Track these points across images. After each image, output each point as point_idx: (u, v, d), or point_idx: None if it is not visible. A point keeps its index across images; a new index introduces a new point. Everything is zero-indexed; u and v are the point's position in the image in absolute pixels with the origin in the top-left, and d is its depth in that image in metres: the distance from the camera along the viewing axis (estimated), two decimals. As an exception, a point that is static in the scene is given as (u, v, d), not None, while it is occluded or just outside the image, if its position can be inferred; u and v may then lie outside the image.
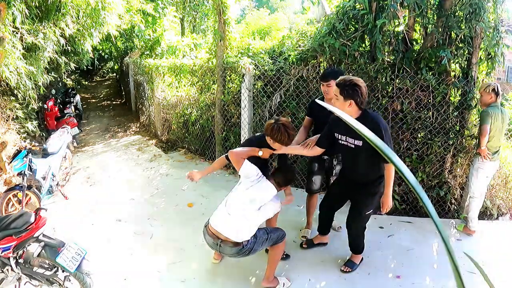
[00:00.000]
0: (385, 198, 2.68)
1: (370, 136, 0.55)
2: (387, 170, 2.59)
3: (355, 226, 2.90)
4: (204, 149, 5.78)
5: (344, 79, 2.47)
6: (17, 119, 5.32)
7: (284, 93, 4.40)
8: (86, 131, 8.43)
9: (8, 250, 2.29)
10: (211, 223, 2.61)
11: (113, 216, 3.99)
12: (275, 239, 2.67)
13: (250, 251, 2.56)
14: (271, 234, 2.65)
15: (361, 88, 2.42)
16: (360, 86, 2.42)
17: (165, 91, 6.82)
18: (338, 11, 4.03)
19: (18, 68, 4.17)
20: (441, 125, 3.77)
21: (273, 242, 2.67)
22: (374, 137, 0.56)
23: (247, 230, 2.52)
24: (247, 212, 2.53)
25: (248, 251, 2.56)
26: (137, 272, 3.01)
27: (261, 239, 2.59)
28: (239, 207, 2.56)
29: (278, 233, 2.69)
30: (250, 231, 2.53)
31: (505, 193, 4.13)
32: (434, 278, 2.89)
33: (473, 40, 3.62)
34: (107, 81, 18.32)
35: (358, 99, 2.43)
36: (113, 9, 5.45)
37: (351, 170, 2.82)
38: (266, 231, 2.66)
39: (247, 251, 2.55)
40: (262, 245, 2.62)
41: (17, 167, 3.79)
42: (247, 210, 2.54)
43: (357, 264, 3.00)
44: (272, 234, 2.66)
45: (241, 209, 2.55)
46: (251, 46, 5.17)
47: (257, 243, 2.57)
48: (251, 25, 14.57)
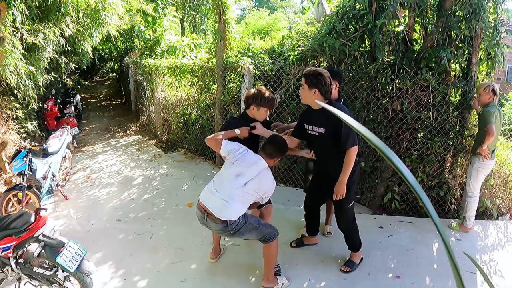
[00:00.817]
0: (338, 184, 2.65)
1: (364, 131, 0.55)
2: (346, 156, 2.60)
3: (343, 222, 2.91)
4: (204, 149, 5.78)
5: (310, 70, 2.59)
6: (17, 119, 5.32)
7: (284, 93, 4.40)
8: (86, 131, 8.43)
9: (8, 250, 2.29)
10: (200, 196, 2.62)
11: (113, 216, 4.00)
12: (265, 234, 2.62)
13: (236, 232, 2.51)
14: (262, 227, 2.61)
15: (324, 77, 2.52)
16: (324, 76, 2.52)
17: (165, 91, 6.82)
18: (338, 11, 4.04)
19: (18, 68, 4.17)
20: (441, 125, 3.77)
21: (263, 237, 2.62)
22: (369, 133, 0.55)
23: (232, 209, 2.46)
24: (233, 188, 2.49)
25: (233, 231, 2.50)
26: (137, 272, 3.01)
27: (250, 225, 2.54)
28: (225, 183, 2.55)
29: (270, 229, 2.65)
30: (236, 211, 2.48)
31: (505, 193, 4.13)
32: (434, 278, 2.89)
33: (473, 40, 3.62)
34: (107, 81, 18.33)
35: (322, 88, 2.52)
36: (113, 9, 5.45)
37: (321, 161, 2.86)
38: (259, 221, 2.63)
39: (232, 231, 2.50)
40: (250, 232, 2.57)
41: (17, 167, 3.79)
42: (233, 186, 2.50)
43: (357, 264, 3.00)
44: (264, 227, 2.61)
45: (227, 185, 2.53)
46: (251, 46, 5.17)
47: (244, 227, 2.51)
48: (251, 25, 14.58)
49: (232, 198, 2.48)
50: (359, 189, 4.16)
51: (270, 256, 2.69)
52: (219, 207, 2.47)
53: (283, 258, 3.10)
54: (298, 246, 3.27)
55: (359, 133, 0.56)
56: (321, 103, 0.79)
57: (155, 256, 3.23)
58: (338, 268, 2.99)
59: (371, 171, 4.06)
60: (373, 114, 3.91)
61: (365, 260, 3.09)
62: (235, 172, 2.53)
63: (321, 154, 2.82)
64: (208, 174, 5.24)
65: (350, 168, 2.62)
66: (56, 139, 4.76)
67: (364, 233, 3.48)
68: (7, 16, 3.83)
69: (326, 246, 3.29)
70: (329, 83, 2.54)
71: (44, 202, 4.16)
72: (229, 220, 2.46)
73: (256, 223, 2.60)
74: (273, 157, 2.63)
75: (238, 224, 2.49)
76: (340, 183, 2.64)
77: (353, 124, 0.56)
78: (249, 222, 2.55)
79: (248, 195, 2.52)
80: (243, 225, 2.51)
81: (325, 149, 2.73)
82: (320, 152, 2.82)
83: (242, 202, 2.53)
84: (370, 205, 4.09)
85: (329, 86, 2.55)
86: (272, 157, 2.63)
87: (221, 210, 2.46)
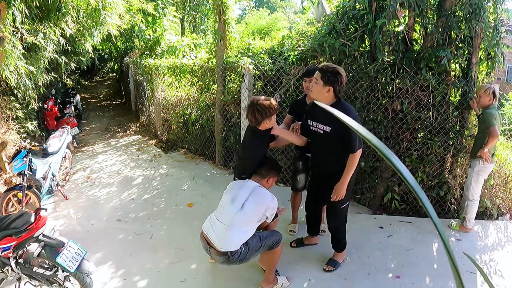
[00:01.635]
0: (338, 185, 2.61)
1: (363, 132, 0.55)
2: (350, 159, 2.56)
3: (334, 222, 2.90)
4: (204, 149, 5.78)
5: (327, 65, 2.52)
6: (17, 119, 5.32)
7: (284, 93, 4.40)
8: (86, 131, 8.43)
9: (8, 250, 2.29)
10: (203, 226, 2.59)
11: (113, 216, 4.00)
12: (270, 245, 2.57)
13: (241, 260, 2.45)
14: (265, 241, 2.53)
15: (342, 77, 2.48)
16: (342, 75, 2.48)
17: (165, 91, 6.83)
18: (338, 11, 4.04)
19: (18, 68, 4.17)
20: (441, 125, 3.77)
21: (268, 248, 2.57)
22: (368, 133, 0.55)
23: (232, 238, 2.40)
24: (232, 213, 2.44)
25: (238, 261, 2.44)
26: (137, 272, 3.01)
27: (254, 248, 2.47)
28: (224, 211, 2.52)
29: (273, 238, 2.58)
30: (236, 240, 2.40)
31: (505, 193, 4.13)
32: (434, 278, 2.89)
33: (473, 40, 3.62)
34: (107, 81, 18.33)
35: (336, 87, 2.48)
36: (113, 8, 5.45)
37: (320, 159, 2.82)
38: (260, 238, 2.52)
39: (236, 261, 2.44)
40: (256, 253, 2.53)
41: (17, 167, 3.79)
42: (232, 211, 2.45)
43: (340, 263, 2.99)
44: (267, 240, 2.54)
45: (226, 212, 2.49)
46: (251, 46, 5.17)
47: (249, 253, 2.45)
48: (251, 25, 14.58)
49: (233, 225, 2.42)
50: (359, 189, 4.16)
51: (273, 260, 2.67)
52: (220, 238, 2.42)
53: (283, 258, 3.09)
54: (298, 246, 3.27)
55: (358, 133, 0.56)
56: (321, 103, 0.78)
57: (155, 256, 3.23)
58: (339, 268, 2.99)
59: (371, 171, 4.06)
60: (373, 114, 3.91)
61: (365, 260, 3.09)
62: (230, 198, 2.54)
63: (321, 152, 2.78)
64: (208, 174, 5.24)
65: (353, 170, 2.59)
66: (56, 139, 4.76)
67: (364, 233, 3.50)
68: (7, 16, 3.83)
69: (326, 246, 3.29)
70: (345, 83, 2.51)
71: (44, 202, 4.16)
72: (230, 252, 2.40)
73: (258, 242, 2.50)
74: (265, 176, 2.64)
75: (241, 254, 2.42)
76: (341, 184, 2.60)
77: (352, 125, 0.56)
78: (252, 246, 2.47)
79: (249, 217, 2.46)
80: (246, 253, 2.44)
81: (326, 148, 2.68)
82: (320, 151, 2.78)
83: (243, 228, 2.45)
84: (370, 205, 4.09)
85: (343, 87, 2.52)
86: (264, 176, 2.64)
87: (221, 240, 2.41)
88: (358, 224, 3.68)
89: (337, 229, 2.93)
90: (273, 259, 2.67)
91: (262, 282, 2.74)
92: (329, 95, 2.51)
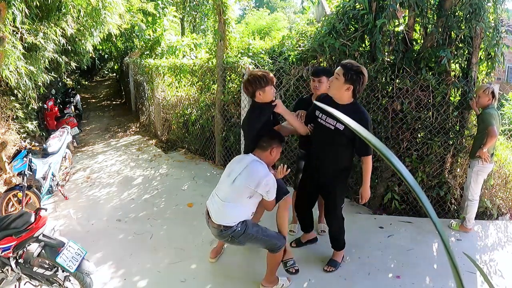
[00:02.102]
0: (363, 189, 2.70)
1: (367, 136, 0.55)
2: (365, 162, 2.62)
3: (335, 221, 2.89)
4: (204, 149, 5.78)
5: (352, 63, 2.47)
6: (17, 119, 5.32)
7: (284, 93, 4.40)
8: (86, 131, 8.43)
9: (8, 250, 2.29)
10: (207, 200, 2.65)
11: (113, 216, 4.00)
12: (269, 246, 2.54)
13: (233, 239, 2.44)
14: (265, 238, 2.50)
15: (364, 77, 2.45)
16: (365, 76, 2.45)
17: (165, 91, 6.83)
18: (338, 11, 4.04)
19: (18, 68, 4.17)
20: (441, 125, 3.77)
21: (267, 247, 2.57)
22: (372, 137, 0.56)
23: (226, 213, 2.42)
24: (226, 187, 2.48)
25: (229, 238, 2.44)
26: (137, 272, 3.01)
27: (251, 235, 2.45)
28: (221, 185, 2.57)
29: (275, 241, 2.53)
30: (230, 215, 2.42)
31: (505, 193, 4.13)
32: (434, 278, 2.89)
33: (473, 40, 3.62)
34: (107, 81, 18.33)
35: (357, 87, 2.46)
36: (113, 8, 5.45)
37: (324, 154, 2.75)
38: (261, 231, 2.50)
39: (228, 237, 2.44)
40: (251, 242, 2.52)
41: (17, 167, 3.79)
42: (226, 185, 2.48)
43: (339, 262, 2.99)
44: (268, 238, 2.51)
45: (222, 186, 2.53)
46: (251, 46, 5.18)
47: (243, 236, 2.43)
48: (251, 25, 14.58)
49: (226, 199, 2.45)
50: (359, 188, 4.15)
51: (274, 262, 2.66)
52: (216, 211, 2.47)
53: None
54: (297, 246, 3.27)
55: (357, 133, 0.56)
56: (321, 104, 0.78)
57: (155, 256, 3.23)
58: (339, 268, 2.99)
59: (371, 171, 4.06)
60: (373, 114, 3.90)
61: (365, 260, 3.09)
62: (228, 172, 2.56)
63: (327, 147, 2.70)
64: (208, 174, 5.24)
65: (370, 174, 2.67)
66: (56, 139, 4.76)
67: (364, 233, 3.50)
68: (7, 16, 3.83)
69: (326, 246, 3.28)
70: (365, 84, 2.50)
71: (44, 202, 4.16)
72: (223, 226, 2.41)
73: (259, 234, 2.48)
74: (266, 148, 2.51)
75: (234, 231, 2.41)
76: (364, 187, 2.70)
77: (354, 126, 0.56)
78: (249, 232, 2.44)
79: (239, 192, 2.43)
80: (241, 234, 2.42)
81: (333, 145, 2.63)
82: (325, 145, 2.69)
83: (237, 203, 2.44)
84: (370, 205, 4.09)
85: (363, 89, 2.51)
86: (265, 149, 2.51)
87: (217, 213, 2.46)
88: (358, 224, 3.68)
89: (339, 229, 2.93)
90: (274, 261, 2.65)
91: (262, 281, 2.74)
92: (348, 94, 2.48)
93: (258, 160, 2.51)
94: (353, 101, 2.55)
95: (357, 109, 2.53)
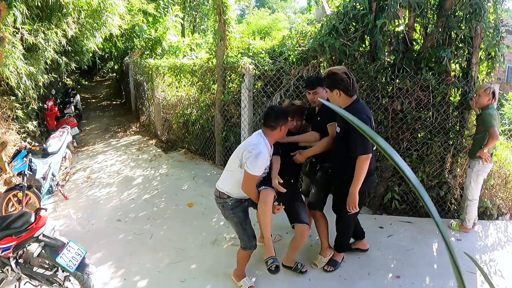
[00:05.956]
0: (348, 196, 2.53)
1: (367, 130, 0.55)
2: (356, 165, 2.46)
3: (341, 224, 2.88)
4: (204, 149, 5.78)
5: (325, 72, 2.53)
6: (17, 119, 5.31)
7: (284, 93, 4.39)
8: (86, 131, 8.42)
9: (8, 250, 2.29)
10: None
11: (113, 216, 4.00)
12: (241, 237, 2.63)
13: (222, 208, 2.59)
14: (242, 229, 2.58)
15: (339, 74, 2.44)
16: (336, 73, 2.45)
17: (165, 91, 6.83)
18: (339, 11, 4.03)
19: (18, 68, 4.17)
20: (441, 125, 3.76)
21: (239, 237, 2.66)
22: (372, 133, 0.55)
23: (222, 179, 2.60)
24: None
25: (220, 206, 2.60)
26: (137, 272, 3.01)
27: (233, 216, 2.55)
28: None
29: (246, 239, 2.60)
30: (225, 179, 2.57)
31: (505, 193, 4.13)
32: (434, 278, 2.89)
33: (473, 40, 3.62)
34: (107, 81, 18.31)
35: (340, 86, 2.45)
36: (114, 9, 5.45)
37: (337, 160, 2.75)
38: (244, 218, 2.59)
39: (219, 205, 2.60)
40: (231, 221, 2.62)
41: (17, 167, 3.78)
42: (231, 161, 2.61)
43: (339, 262, 2.99)
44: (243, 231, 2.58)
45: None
46: (251, 46, 5.17)
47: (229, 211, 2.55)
48: (251, 25, 14.59)
49: (226, 168, 2.62)
50: (359, 189, 4.15)
51: (239, 257, 2.75)
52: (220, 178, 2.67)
53: (283, 258, 3.10)
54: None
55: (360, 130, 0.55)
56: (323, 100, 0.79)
57: (155, 256, 3.23)
58: (338, 268, 2.98)
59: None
60: (373, 114, 3.90)
61: (365, 260, 3.09)
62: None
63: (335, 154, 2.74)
64: (208, 174, 5.24)
65: (360, 178, 2.46)
66: (56, 139, 4.76)
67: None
68: (8, 16, 3.83)
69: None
70: (347, 78, 2.45)
71: (44, 202, 4.16)
72: (219, 192, 2.57)
73: (241, 221, 2.58)
74: (275, 128, 2.49)
75: (226, 203, 2.55)
76: (350, 194, 2.52)
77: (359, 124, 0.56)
78: (235, 212, 2.56)
79: (233, 159, 2.54)
80: (229, 208, 2.55)
81: (338, 150, 2.64)
82: (334, 152, 2.74)
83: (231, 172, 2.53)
84: (370, 205, 4.09)
85: (348, 82, 2.45)
86: (274, 128, 2.49)
87: (219, 179, 2.66)
88: (358, 224, 3.68)
89: (344, 232, 2.91)
90: (239, 257, 2.74)
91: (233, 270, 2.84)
92: (342, 97, 2.48)
93: (260, 134, 2.54)
94: (354, 100, 2.52)
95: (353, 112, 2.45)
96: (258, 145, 2.43)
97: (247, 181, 2.43)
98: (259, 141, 2.47)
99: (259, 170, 2.39)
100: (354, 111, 2.46)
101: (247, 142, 2.55)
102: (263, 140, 2.49)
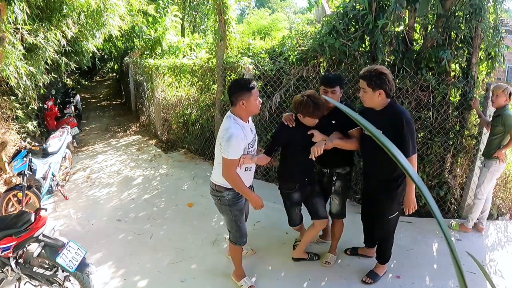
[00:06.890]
0: (406, 198, 2.53)
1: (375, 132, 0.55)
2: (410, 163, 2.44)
3: (379, 231, 2.78)
4: (204, 149, 5.78)
5: (369, 70, 2.42)
6: (17, 119, 5.31)
7: (284, 93, 4.39)
8: (86, 131, 8.42)
9: (8, 250, 2.29)
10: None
11: (113, 216, 3.99)
12: (232, 232, 2.66)
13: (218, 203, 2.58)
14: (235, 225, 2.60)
15: (387, 75, 2.38)
16: (387, 74, 2.38)
17: (165, 91, 6.82)
18: (338, 11, 4.04)
19: (18, 68, 4.17)
20: (441, 125, 3.77)
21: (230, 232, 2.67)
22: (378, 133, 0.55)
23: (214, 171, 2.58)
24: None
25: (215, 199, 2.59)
26: (137, 272, 3.01)
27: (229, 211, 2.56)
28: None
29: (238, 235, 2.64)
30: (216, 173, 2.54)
31: (505, 193, 4.13)
32: (434, 278, 2.89)
33: (473, 40, 3.62)
34: (107, 81, 18.31)
35: (386, 87, 2.39)
36: (114, 10, 5.45)
37: (367, 166, 2.73)
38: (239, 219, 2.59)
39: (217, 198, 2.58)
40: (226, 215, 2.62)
41: (17, 167, 3.78)
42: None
43: (380, 276, 2.86)
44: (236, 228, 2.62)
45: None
46: (251, 46, 5.17)
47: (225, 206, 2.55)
48: (251, 25, 14.59)
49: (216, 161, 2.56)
50: (360, 189, 4.16)
51: (232, 254, 2.79)
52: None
53: (283, 258, 3.11)
54: (351, 254, 3.18)
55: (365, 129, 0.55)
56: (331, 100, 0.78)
57: (155, 256, 3.23)
58: (338, 268, 2.99)
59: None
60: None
61: (365, 260, 3.09)
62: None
63: (371, 158, 2.64)
64: (208, 174, 5.19)
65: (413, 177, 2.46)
66: (56, 139, 4.76)
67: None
68: (8, 16, 3.82)
69: (326, 246, 3.29)
70: (392, 80, 2.42)
71: (44, 202, 4.16)
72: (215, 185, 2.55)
73: (236, 219, 2.58)
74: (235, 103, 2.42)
75: (222, 197, 2.53)
76: (406, 195, 2.52)
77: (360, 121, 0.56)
78: (233, 211, 2.55)
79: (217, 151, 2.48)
80: (225, 203, 2.54)
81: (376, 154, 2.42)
82: (370, 156, 2.63)
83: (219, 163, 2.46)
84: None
85: (392, 85, 2.42)
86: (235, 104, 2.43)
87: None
88: (358, 224, 3.67)
89: (384, 240, 2.80)
90: (232, 253, 2.78)
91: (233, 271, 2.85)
92: (382, 98, 2.42)
93: (229, 116, 2.46)
94: (390, 102, 2.47)
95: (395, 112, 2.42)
96: (228, 128, 2.36)
97: (225, 166, 2.41)
98: (229, 124, 2.40)
99: (234, 153, 2.34)
100: (399, 110, 2.42)
101: (220, 129, 2.46)
102: (233, 121, 2.41)
